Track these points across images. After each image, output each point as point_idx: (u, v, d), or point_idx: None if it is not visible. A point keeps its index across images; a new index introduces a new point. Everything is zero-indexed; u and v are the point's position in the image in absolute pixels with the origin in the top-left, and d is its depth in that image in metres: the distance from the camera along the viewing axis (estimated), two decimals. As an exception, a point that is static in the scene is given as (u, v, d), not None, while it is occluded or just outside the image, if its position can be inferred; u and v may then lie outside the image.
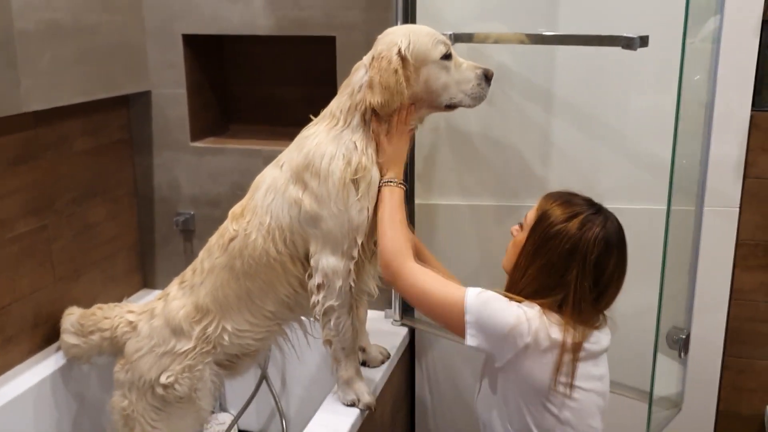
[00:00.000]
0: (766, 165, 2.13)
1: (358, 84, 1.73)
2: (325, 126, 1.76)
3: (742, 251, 2.19)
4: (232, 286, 1.82)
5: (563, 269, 1.53)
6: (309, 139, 1.76)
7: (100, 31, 2.21)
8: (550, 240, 1.55)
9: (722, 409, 2.30)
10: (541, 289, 1.56)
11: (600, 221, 1.56)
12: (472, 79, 1.75)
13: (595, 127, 2.16)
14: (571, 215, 1.56)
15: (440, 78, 1.73)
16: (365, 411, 1.87)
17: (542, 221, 1.58)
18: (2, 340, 2.04)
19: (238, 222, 1.82)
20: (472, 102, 1.77)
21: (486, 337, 1.54)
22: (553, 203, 1.61)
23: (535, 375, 1.53)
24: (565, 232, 1.54)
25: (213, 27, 2.39)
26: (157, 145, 2.54)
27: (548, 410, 1.55)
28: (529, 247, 1.59)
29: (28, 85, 1.94)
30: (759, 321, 2.25)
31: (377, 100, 1.67)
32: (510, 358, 1.53)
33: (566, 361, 1.52)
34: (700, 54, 1.75)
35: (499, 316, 1.52)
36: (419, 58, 1.70)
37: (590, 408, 1.58)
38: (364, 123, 1.73)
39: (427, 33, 1.73)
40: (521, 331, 1.50)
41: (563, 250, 1.53)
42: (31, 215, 2.10)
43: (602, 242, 1.54)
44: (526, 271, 1.58)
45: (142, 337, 1.92)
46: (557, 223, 1.55)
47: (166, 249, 2.63)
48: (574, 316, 1.54)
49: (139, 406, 1.90)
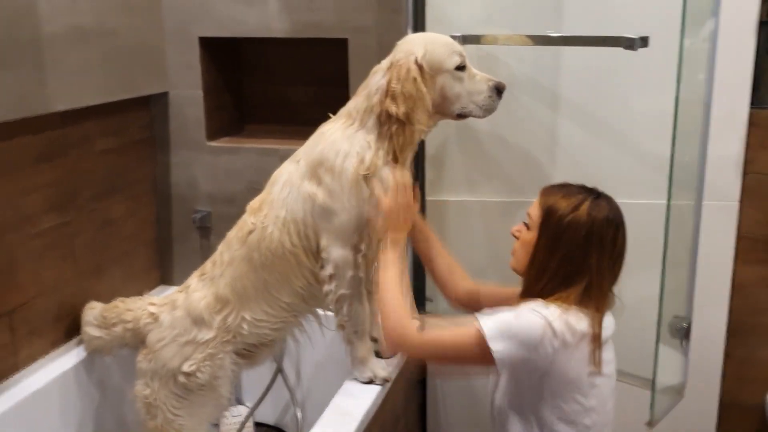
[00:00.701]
0: (765, 161, 2.21)
1: (375, 87, 1.80)
2: (342, 124, 1.84)
3: (743, 245, 2.27)
4: (250, 277, 1.90)
5: (583, 255, 1.60)
6: (325, 136, 1.84)
7: (121, 33, 2.29)
8: (565, 231, 1.61)
9: (724, 400, 2.37)
10: (564, 281, 1.62)
11: (604, 203, 1.64)
12: (485, 90, 1.82)
13: (598, 124, 2.24)
14: (577, 204, 1.62)
15: (454, 87, 1.80)
16: (383, 384, 1.94)
17: (551, 216, 1.64)
18: (27, 332, 2.11)
19: (256, 215, 1.90)
20: (482, 113, 1.85)
21: (521, 356, 1.57)
22: (555, 197, 1.67)
23: (568, 371, 1.59)
24: (577, 220, 1.61)
25: (229, 30, 2.47)
26: (175, 144, 2.62)
27: (577, 401, 1.61)
28: (544, 243, 1.64)
29: (55, 86, 2.02)
30: (760, 314, 2.32)
31: (401, 110, 1.74)
32: (546, 363, 1.57)
33: (594, 350, 1.59)
34: (699, 54, 1.83)
35: (524, 333, 1.56)
36: (434, 67, 1.77)
37: (607, 392, 1.66)
38: (378, 124, 1.80)
39: (444, 43, 1.81)
40: (548, 337, 1.55)
41: (579, 237, 1.60)
42: (55, 211, 2.18)
43: (612, 221, 1.62)
44: (546, 266, 1.64)
45: (165, 328, 1.99)
46: (567, 214, 1.62)
47: (184, 246, 2.71)
48: (599, 301, 1.61)
49: (161, 394, 1.97)
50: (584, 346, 1.59)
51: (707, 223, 2.01)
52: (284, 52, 2.71)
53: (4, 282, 2.00)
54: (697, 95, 1.88)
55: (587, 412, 1.63)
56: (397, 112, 1.74)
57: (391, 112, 1.74)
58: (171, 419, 1.97)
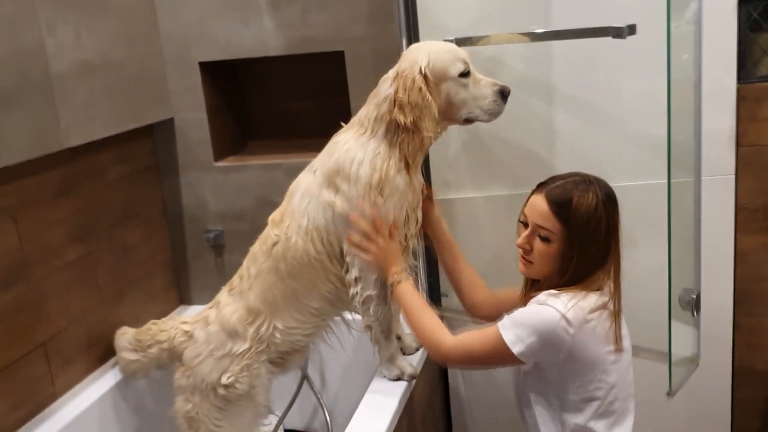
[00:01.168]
0: (755, 133, 2.29)
1: (383, 96, 1.87)
2: (354, 133, 1.91)
3: (742, 216, 2.35)
4: (279, 287, 1.97)
5: (606, 245, 1.68)
6: (339, 145, 1.91)
7: (125, 65, 2.36)
8: (593, 233, 1.66)
9: (737, 366, 2.45)
10: (587, 271, 1.68)
11: (601, 188, 1.69)
12: (489, 95, 1.88)
13: (593, 112, 2.31)
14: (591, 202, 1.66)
15: (459, 94, 1.87)
16: (411, 381, 2.02)
17: (574, 224, 1.66)
18: (62, 361, 2.18)
19: (279, 227, 1.97)
20: (488, 117, 1.91)
21: (539, 353, 1.66)
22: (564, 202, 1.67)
23: (587, 353, 1.65)
24: (598, 218, 1.66)
25: (227, 52, 2.54)
26: (182, 167, 2.68)
27: (599, 379, 1.68)
28: (577, 250, 1.67)
29: (67, 121, 2.08)
30: (764, 280, 2.40)
31: (409, 119, 1.80)
32: (563, 353, 1.64)
33: (614, 326, 1.67)
34: (685, 36, 1.90)
35: (540, 329, 1.63)
36: (438, 74, 1.84)
37: (626, 364, 1.74)
38: (388, 132, 1.86)
39: (448, 51, 1.87)
40: (563, 327, 1.62)
41: (603, 231, 1.67)
42: (78, 242, 2.25)
43: (615, 202, 1.71)
44: (576, 267, 1.67)
45: (200, 344, 2.06)
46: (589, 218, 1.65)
47: (199, 265, 2.78)
48: (617, 277, 1.69)
49: (203, 407, 2.04)
50: (601, 326, 1.66)
51: (706, 198, 2.07)
52: (281, 67, 2.77)
53: (36, 315, 2.07)
54: (687, 75, 1.95)
55: (610, 390, 1.70)
56: (406, 121, 1.80)
57: (399, 121, 1.81)
58: (213, 430, 2.04)
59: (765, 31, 2.27)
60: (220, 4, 2.50)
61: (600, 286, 1.70)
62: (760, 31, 2.28)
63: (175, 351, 2.13)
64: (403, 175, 1.88)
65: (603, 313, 1.67)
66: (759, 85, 2.27)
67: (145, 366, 2.24)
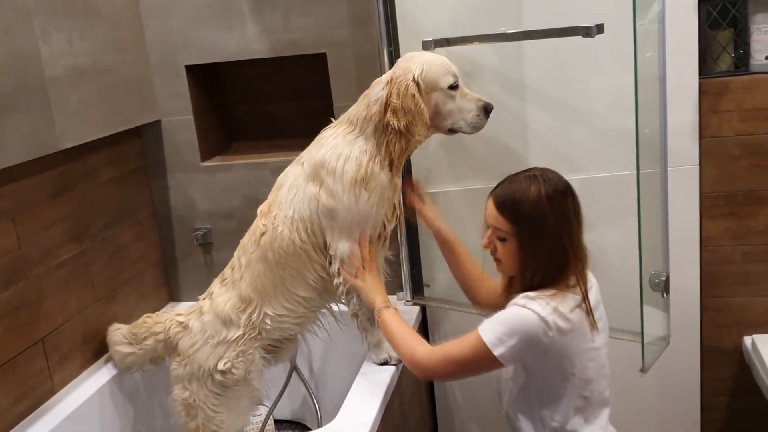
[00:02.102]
0: (716, 125, 2.42)
1: (375, 98, 1.97)
2: (342, 130, 2.01)
3: (706, 203, 2.47)
4: (268, 275, 2.07)
5: (558, 237, 1.72)
6: (327, 140, 2.01)
7: (114, 70, 2.44)
8: (539, 227, 1.72)
9: (705, 345, 2.57)
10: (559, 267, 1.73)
11: (548, 178, 1.74)
12: (473, 109, 1.99)
13: (564, 108, 2.41)
14: (533, 196, 1.71)
15: (447, 105, 1.98)
16: (398, 365, 2.12)
17: (522, 220, 1.73)
18: (60, 357, 2.25)
19: (267, 218, 2.07)
20: (470, 130, 2.02)
21: (521, 352, 1.70)
22: (510, 200, 1.74)
23: (566, 351, 1.72)
24: (541, 210, 1.71)
25: (212, 56, 2.63)
26: (170, 168, 2.76)
27: (579, 378, 1.75)
28: (528, 247, 1.74)
29: (62, 124, 2.15)
30: (728, 263, 2.53)
31: (402, 123, 1.91)
32: (544, 348, 1.70)
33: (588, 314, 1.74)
34: (650, 34, 2.02)
35: (520, 331, 1.68)
36: (430, 84, 1.94)
37: (604, 359, 1.82)
38: (376, 132, 1.97)
39: (441, 63, 1.97)
40: (543, 329, 1.67)
41: (550, 224, 1.71)
42: (73, 242, 2.32)
43: (562, 191, 1.73)
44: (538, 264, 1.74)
45: (195, 333, 2.14)
46: (531, 212, 1.71)
47: (188, 263, 2.86)
48: (580, 264, 1.74)
49: (200, 394, 2.12)
50: (579, 324, 1.72)
51: (672, 187, 2.18)
52: (264, 70, 2.85)
53: (34, 312, 2.15)
54: (652, 72, 2.06)
55: (586, 385, 1.78)
56: (399, 126, 1.91)
57: (392, 125, 1.91)
58: (211, 416, 2.12)
59: (723, 29, 2.41)
60: (204, 11, 2.58)
61: (576, 283, 1.75)
62: (718, 28, 2.41)
63: (170, 342, 2.21)
64: (386, 173, 1.98)
65: (581, 312, 1.73)
66: (719, 80, 2.40)
67: (141, 359, 2.31)
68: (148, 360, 2.32)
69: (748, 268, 2.52)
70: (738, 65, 2.42)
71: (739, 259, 2.52)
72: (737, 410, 2.66)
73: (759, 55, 2.40)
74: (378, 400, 1.97)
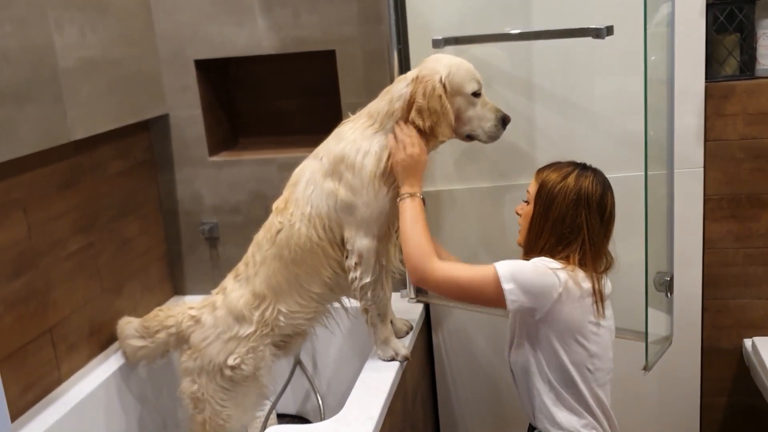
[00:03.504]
0: (721, 128, 2.44)
1: (398, 94, 1.98)
2: (362, 124, 2.02)
3: (710, 205, 2.50)
4: (283, 273, 2.07)
5: (574, 216, 1.82)
6: (347, 134, 2.02)
7: (124, 63, 2.45)
8: (555, 198, 1.84)
9: (706, 346, 2.60)
10: (560, 240, 1.83)
11: (590, 172, 1.88)
12: (492, 119, 2.01)
13: (571, 109, 2.44)
14: (566, 174, 1.87)
15: (468, 111, 1.99)
16: (403, 362, 2.14)
17: (543, 187, 1.87)
18: (67, 347, 2.27)
19: (283, 215, 2.07)
20: (486, 139, 2.03)
21: (526, 297, 1.78)
22: (547, 171, 1.90)
23: (572, 317, 1.80)
24: (566, 187, 1.84)
25: (222, 51, 2.64)
26: (177, 162, 2.78)
27: (581, 344, 1.83)
28: (539, 210, 1.87)
29: (73, 116, 2.17)
30: (729, 265, 2.55)
31: (427, 124, 1.92)
32: (548, 308, 1.79)
33: (597, 303, 1.82)
34: (659, 38, 2.04)
35: (533, 276, 1.78)
36: (455, 88, 1.95)
37: (608, 342, 1.88)
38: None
39: (467, 69, 1.99)
40: (554, 283, 1.77)
41: (569, 200, 1.83)
42: (80, 233, 2.33)
43: (599, 185, 1.85)
44: (543, 230, 1.86)
45: (208, 327, 2.15)
46: (557, 183, 1.85)
47: (194, 257, 2.87)
48: (596, 260, 1.83)
49: (209, 388, 2.13)
50: (587, 300, 1.81)
51: (677, 189, 2.20)
52: (272, 66, 2.87)
53: (43, 302, 2.16)
54: (659, 74, 2.08)
55: (592, 358, 1.85)
56: (424, 126, 1.92)
57: (417, 125, 1.93)
58: (219, 410, 2.13)
59: (730, 33, 2.43)
60: (213, 6, 2.60)
61: (583, 264, 1.84)
62: (725, 32, 2.44)
63: (182, 335, 2.22)
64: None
65: (589, 291, 1.82)
66: (724, 84, 2.42)
67: (153, 352, 2.32)
68: (161, 353, 2.33)
69: (749, 271, 2.55)
70: (744, 69, 2.44)
71: (740, 262, 2.54)
72: (736, 411, 2.68)
73: (765, 59, 2.42)
74: (384, 394, 1.99)
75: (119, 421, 2.37)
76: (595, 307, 1.82)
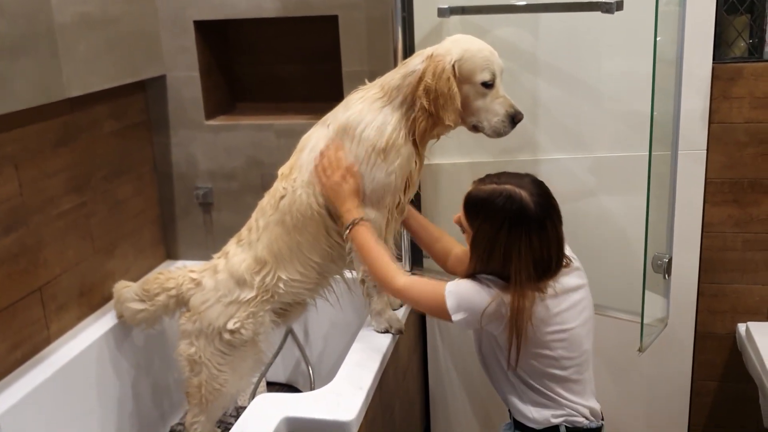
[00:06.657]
0: (726, 111, 2.41)
1: (412, 69, 1.91)
2: (372, 95, 1.97)
3: (711, 189, 2.47)
4: (285, 239, 2.05)
5: (493, 229, 1.71)
6: (355, 103, 1.98)
7: (122, 21, 2.40)
8: (479, 211, 1.75)
9: (700, 330, 2.59)
10: (503, 259, 1.71)
11: (515, 190, 1.71)
12: (501, 114, 1.91)
13: (576, 85, 2.40)
14: (492, 189, 1.74)
15: (476, 101, 1.91)
16: (397, 335, 2.13)
17: (466, 205, 1.79)
18: (56, 307, 2.24)
19: (287, 181, 2.04)
20: (491, 134, 1.95)
21: (473, 325, 1.75)
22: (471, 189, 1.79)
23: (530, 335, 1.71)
24: (475, 197, 1.76)
25: (222, 12, 2.59)
26: (173, 124, 2.73)
27: (545, 356, 1.74)
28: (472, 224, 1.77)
29: (69, 72, 2.12)
30: (727, 250, 2.53)
31: (433, 105, 1.86)
32: (498, 329, 1.73)
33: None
34: (670, 16, 2.00)
35: (478, 304, 1.71)
36: (464, 74, 1.88)
37: (580, 337, 1.77)
38: (403, 104, 1.93)
39: (484, 57, 1.89)
40: (498, 305, 1.69)
41: (482, 214, 1.73)
42: (74, 192, 2.30)
43: (514, 196, 1.70)
44: (479, 247, 1.75)
45: (208, 290, 2.13)
46: (481, 198, 1.74)
47: (187, 221, 2.84)
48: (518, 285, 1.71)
49: (207, 351, 2.11)
50: (540, 311, 1.71)
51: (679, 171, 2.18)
52: (272, 30, 2.82)
53: (33, 260, 2.13)
54: (668, 54, 2.05)
55: (558, 361, 1.75)
56: (428, 106, 1.86)
57: (423, 105, 1.86)
58: (215, 374, 2.12)
59: (740, 14, 2.39)
60: (215, -35, 2.54)
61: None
62: (735, 13, 2.40)
63: (182, 297, 2.20)
64: (408, 146, 1.94)
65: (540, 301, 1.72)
66: (732, 66, 2.38)
67: (153, 314, 2.30)
68: (161, 315, 2.31)
69: (747, 256, 2.53)
70: (752, 52, 2.41)
71: (739, 247, 2.52)
72: (726, 396, 2.68)
73: (774, 42, 2.39)
74: (376, 365, 1.98)
75: (108, 383, 2.35)
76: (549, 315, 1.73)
